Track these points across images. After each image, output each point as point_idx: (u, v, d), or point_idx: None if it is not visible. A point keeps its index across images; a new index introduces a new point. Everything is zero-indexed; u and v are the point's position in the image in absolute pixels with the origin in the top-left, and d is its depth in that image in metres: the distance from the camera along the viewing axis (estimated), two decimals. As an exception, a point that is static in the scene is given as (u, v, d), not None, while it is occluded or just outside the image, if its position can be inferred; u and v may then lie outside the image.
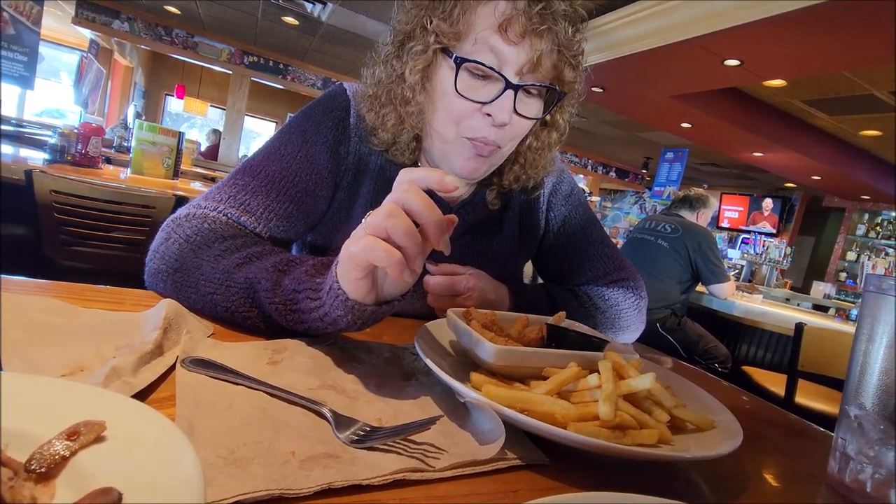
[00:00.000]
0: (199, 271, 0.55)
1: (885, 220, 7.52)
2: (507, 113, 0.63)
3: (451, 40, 0.63)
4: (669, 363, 0.78)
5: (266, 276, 0.51)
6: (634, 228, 3.11)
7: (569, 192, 0.89)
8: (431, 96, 0.67)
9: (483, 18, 0.62)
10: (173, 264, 0.57)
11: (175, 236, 0.59)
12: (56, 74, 8.13)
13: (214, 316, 0.54)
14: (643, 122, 5.77)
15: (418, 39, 0.65)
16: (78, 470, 0.22)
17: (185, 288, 0.56)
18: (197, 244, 0.58)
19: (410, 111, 0.68)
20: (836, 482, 0.42)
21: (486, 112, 0.64)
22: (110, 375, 0.34)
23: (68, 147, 2.43)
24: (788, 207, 8.29)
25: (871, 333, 0.42)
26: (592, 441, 0.35)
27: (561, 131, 0.76)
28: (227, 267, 0.54)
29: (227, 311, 0.53)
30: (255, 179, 0.67)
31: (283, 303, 0.50)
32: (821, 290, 4.89)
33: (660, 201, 6.15)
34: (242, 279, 0.52)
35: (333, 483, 0.28)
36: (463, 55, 0.62)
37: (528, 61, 0.62)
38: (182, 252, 0.57)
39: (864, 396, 0.42)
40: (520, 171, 0.78)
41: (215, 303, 0.53)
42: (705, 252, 2.71)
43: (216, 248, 0.57)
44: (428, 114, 0.69)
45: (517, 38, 0.61)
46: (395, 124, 0.70)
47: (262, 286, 0.51)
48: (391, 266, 0.40)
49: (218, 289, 0.53)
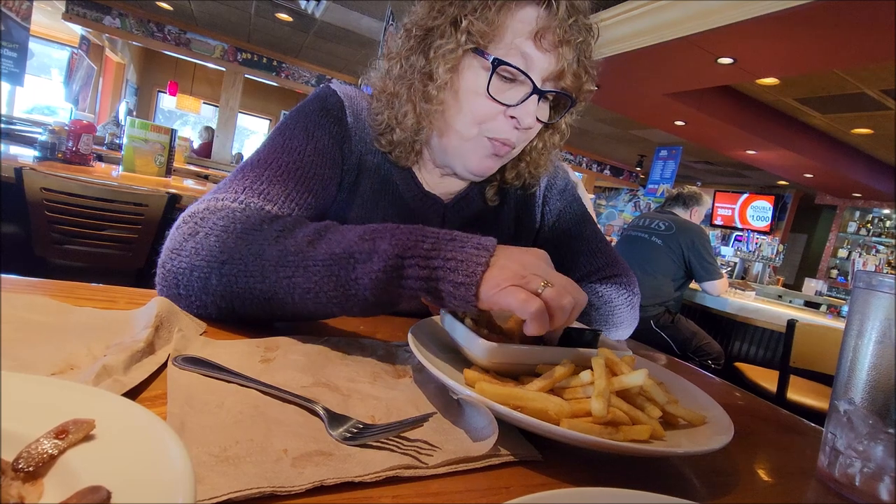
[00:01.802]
0: (262, 257, 0.50)
1: (876, 217, 7.60)
2: (532, 117, 0.66)
3: (485, 41, 0.63)
4: (663, 360, 0.79)
5: (360, 246, 0.47)
6: (628, 226, 3.12)
7: (563, 186, 0.89)
8: (456, 95, 0.67)
9: (520, 23, 0.63)
10: (218, 256, 0.51)
11: (205, 230, 0.53)
12: (46, 71, 8.04)
13: (293, 304, 0.50)
14: (637, 120, 5.80)
15: (448, 37, 0.64)
16: (66, 469, 0.22)
17: (244, 278, 0.50)
18: (241, 231, 0.52)
19: (432, 109, 0.67)
20: (826, 476, 0.43)
21: (511, 115, 0.65)
22: (101, 374, 0.34)
23: (59, 144, 2.41)
24: (781, 205, 8.35)
25: (860, 329, 0.42)
26: (585, 437, 0.35)
27: (563, 133, 0.78)
28: (297, 247, 0.49)
29: (308, 292, 0.48)
30: (269, 170, 0.63)
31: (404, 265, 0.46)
32: (812, 287, 4.93)
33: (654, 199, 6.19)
34: (324, 254, 0.48)
35: (326, 480, 0.28)
36: (496, 57, 0.63)
37: (556, 70, 0.64)
38: (225, 242, 0.52)
39: (854, 391, 0.42)
40: (524, 170, 0.79)
41: (294, 287, 0.49)
42: (698, 249, 2.73)
43: (270, 231, 0.52)
44: (449, 113, 0.68)
45: (550, 47, 0.63)
46: (413, 122, 0.69)
47: (360, 257, 0.47)
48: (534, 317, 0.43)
49: (296, 272, 0.49)
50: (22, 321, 0.41)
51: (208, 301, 0.52)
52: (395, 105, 0.70)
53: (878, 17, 2.50)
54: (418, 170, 0.78)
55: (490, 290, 0.44)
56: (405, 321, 0.44)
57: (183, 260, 0.53)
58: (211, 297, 0.52)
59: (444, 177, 0.79)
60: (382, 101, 0.72)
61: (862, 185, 6.59)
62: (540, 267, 0.46)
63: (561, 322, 0.44)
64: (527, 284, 0.44)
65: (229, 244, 0.52)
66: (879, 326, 0.41)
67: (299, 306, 0.50)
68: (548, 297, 0.43)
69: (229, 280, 0.51)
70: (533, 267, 0.45)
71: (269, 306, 0.51)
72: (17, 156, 2.23)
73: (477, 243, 0.46)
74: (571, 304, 0.44)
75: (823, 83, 4.02)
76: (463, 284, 0.44)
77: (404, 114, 0.69)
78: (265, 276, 0.50)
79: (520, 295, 0.43)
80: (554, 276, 0.46)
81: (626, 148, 8.30)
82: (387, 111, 0.71)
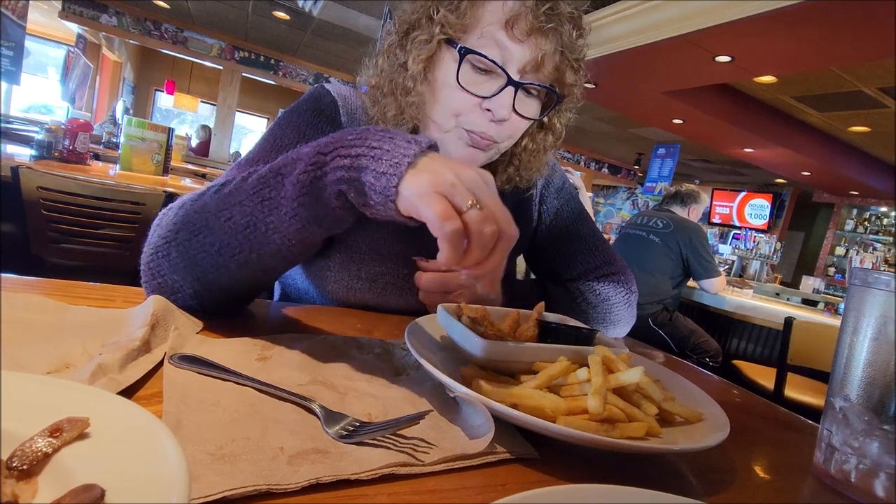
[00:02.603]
0: (206, 210, 0.50)
1: (873, 214, 7.62)
2: (507, 109, 0.64)
3: (457, 32, 0.63)
4: (661, 358, 0.79)
5: (285, 160, 0.46)
6: (626, 224, 3.12)
7: (560, 185, 0.89)
8: (433, 87, 0.67)
9: (490, 13, 0.62)
10: (172, 229, 0.52)
11: (168, 215, 0.55)
12: (43, 70, 8.01)
13: (238, 247, 0.49)
14: (635, 119, 5.80)
15: (423, 29, 0.65)
16: (60, 467, 0.22)
17: (195, 237, 0.50)
18: (192, 200, 0.53)
19: (411, 101, 0.68)
20: (822, 473, 0.43)
21: (487, 107, 0.64)
22: (96, 372, 0.34)
23: (55, 143, 2.40)
24: (779, 203, 8.37)
25: (856, 326, 0.43)
26: (581, 434, 0.35)
27: (557, 135, 0.76)
28: (234, 187, 0.49)
29: (246, 227, 0.48)
30: (254, 167, 0.65)
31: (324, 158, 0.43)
32: (810, 285, 4.95)
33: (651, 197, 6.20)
34: (254, 181, 0.47)
35: (322, 478, 0.28)
36: (462, 45, 0.62)
37: (531, 60, 0.62)
38: (178, 216, 0.53)
39: (850, 388, 0.42)
40: (514, 174, 0.77)
41: (235, 226, 0.48)
42: (696, 247, 2.74)
43: (213, 188, 0.52)
44: (427, 105, 0.68)
45: (523, 36, 0.61)
46: (395, 115, 0.70)
47: (288, 168, 0.45)
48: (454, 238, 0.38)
49: (233, 210, 0.48)
50: (18, 320, 0.41)
51: (180, 281, 0.52)
52: (379, 99, 0.71)
53: (875, 16, 2.50)
54: None
55: (412, 190, 0.39)
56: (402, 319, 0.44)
57: (150, 247, 0.54)
58: (179, 273, 0.52)
59: None
60: (370, 95, 0.73)
61: (859, 183, 6.61)
62: (476, 184, 0.40)
63: (478, 254, 0.39)
64: (452, 196, 0.39)
65: (180, 216, 0.53)
66: (875, 323, 0.41)
67: (247, 250, 0.49)
68: (470, 218, 0.38)
69: (184, 246, 0.51)
70: (469, 181, 0.40)
71: (222, 261, 0.50)
72: (14, 155, 2.22)
73: (410, 137, 0.42)
74: (494, 233, 0.39)
75: (821, 81, 4.03)
76: (385, 174, 0.40)
77: (386, 107, 0.70)
78: (210, 226, 0.49)
79: (440, 206, 0.38)
80: (489, 199, 0.41)
81: (624, 146, 8.30)
82: (375, 105, 0.72)
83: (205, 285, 0.52)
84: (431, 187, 0.39)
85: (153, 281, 0.54)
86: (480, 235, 0.38)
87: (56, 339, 0.40)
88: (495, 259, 0.40)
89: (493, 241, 0.39)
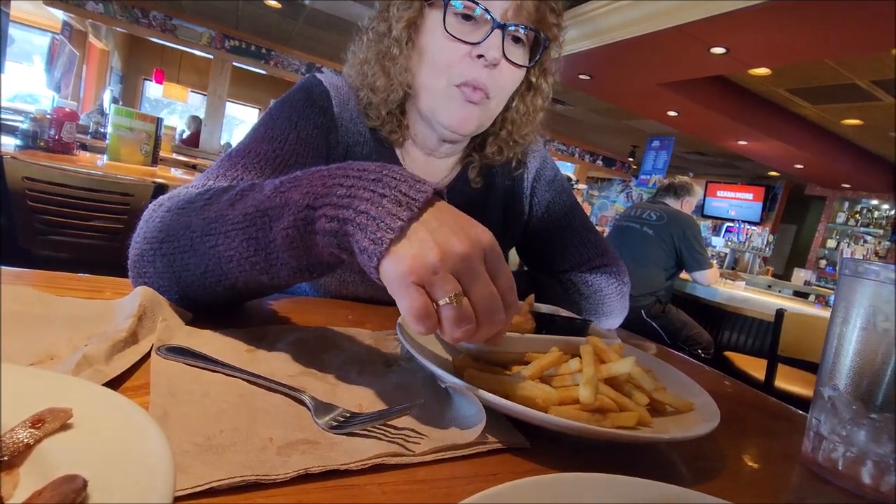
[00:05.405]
0: (190, 229, 0.47)
1: (864, 207, 7.70)
2: (497, 50, 0.65)
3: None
4: (653, 349, 0.79)
5: (273, 201, 0.43)
6: (620, 216, 3.13)
7: (552, 177, 0.89)
8: (419, 48, 0.68)
9: None
10: (158, 236, 0.50)
11: (156, 214, 0.53)
12: (28, 58, 7.84)
13: (224, 275, 0.47)
14: (630, 110, 5.79)
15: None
16: (42, 458, 0.22)
17: (179, 254, 0.48)
18: (179, 207, 0.51)
19: (398, 66, 0.69)
20: (810, 461, 0.43)
21: (478, 54, 0.65)
22: (81, 363, 0.33)
23: (41, 132, 2.35)
24: (772, 196, 8.42)
25: (845, 316, 0.43)
26: (573, 424, 0.35)
27: (545, 96, 0.78)
28: (219, 212, 0.46)
29: (231, 260, 0.45)
30: (245, 158, 0.63)
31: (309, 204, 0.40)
32: (801, 277, 5.00)
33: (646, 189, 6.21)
34: (240, 216, 0.44)
35: (311, 468, 0.28)
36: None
37: (511, 5, 0.65)
38: (164, 220, 0.51)
39: (838, 377, 0.42)
40: (507, 137, 0.78)
41: (219, 256, 0.46)
42: (689, 240, 2.75)
43: (200, 200, 0.50)
44: (415, 68, 0.69)
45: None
46: (384, 84, 0.70)
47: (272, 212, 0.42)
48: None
49: (217, 239, 0.45)
50: (3, 311, 0.41)
51: (166, 286, 0.51)
52: (367, 72, 0.72)
53: (870, 8, 2.51)
54: (403, 156, 0.78)
55: (388, 276, 0.36)
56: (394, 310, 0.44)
57: (136, 246, 0.52)
58: (165, 280, 0.50)
59: (429, 157, 0.78)
60: (358, 72, 0.74)
61: (851, 176, 6.66)
62: (468, 262, 0.36)
63: (453, 339, 0.36)
64: (431, 286, 0.35)
65: (167, 221, 0.50)
66: (864, 313, 0.41)
67: (230, 278, 0.47)
68: (444, 316, 0.35)
69: (169, 259, 0.49)
70: (458, 260, 0.35)
71: (207, 282, 0.48)
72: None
73: (400, 194, 0.37)
74: (469, 331, 0.36)
75: (815, 73, 4.04)
76: (366, 252, 0.36)
77: (375, 75, 0.71)
78: (195, 248, 0.47)
79: (414, 303, 0.35)
80: (478, 280, 0.36)
81: (619, 138, 8.30)
82: (364, 81, 0.73)
83: (191, 298, 0.51)
84: (409, 276, 0.35)
85: (139, 279, 0.53)
86: (451, 333, 0.36)
87: (41, 330, 0.39)
88: (484, 334, 0.37)
89: (469, 336, 0.36)
